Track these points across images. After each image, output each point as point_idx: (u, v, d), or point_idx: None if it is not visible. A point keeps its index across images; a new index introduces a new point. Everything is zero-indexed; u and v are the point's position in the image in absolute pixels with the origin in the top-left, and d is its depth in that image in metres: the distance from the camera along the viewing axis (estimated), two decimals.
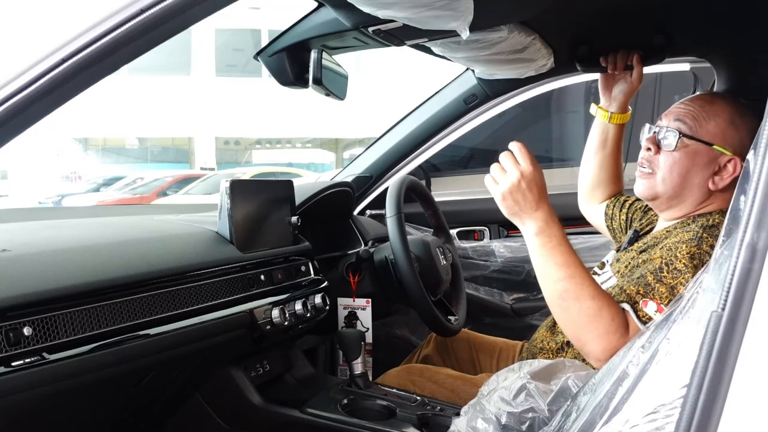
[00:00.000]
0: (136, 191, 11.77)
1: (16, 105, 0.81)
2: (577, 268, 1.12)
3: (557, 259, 1.12)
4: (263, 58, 1.45)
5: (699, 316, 0.58)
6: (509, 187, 1.14)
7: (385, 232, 1.58)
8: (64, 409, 1.11)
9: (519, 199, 1.14)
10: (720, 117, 1.24)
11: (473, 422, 0.99)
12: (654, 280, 1.13)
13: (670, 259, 1.14)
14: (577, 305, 1.09)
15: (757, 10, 1.33)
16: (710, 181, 1.24)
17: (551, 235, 1.13)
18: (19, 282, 0.96)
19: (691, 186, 1.25)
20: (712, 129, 1.23)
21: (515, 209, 1.15)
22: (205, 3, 0.83)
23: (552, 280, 1.12)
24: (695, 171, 1.24)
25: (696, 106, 1.26)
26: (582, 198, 1.67)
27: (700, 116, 1.25)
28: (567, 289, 1.10)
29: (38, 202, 11.68)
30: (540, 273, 1.15)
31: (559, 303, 1.12)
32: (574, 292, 1.10)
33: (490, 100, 2.03)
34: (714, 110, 1.25)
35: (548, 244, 1.13)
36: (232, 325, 1.28)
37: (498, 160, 1.18)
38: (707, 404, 0.51)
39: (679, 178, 1.25)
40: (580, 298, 1.09)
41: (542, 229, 1.13)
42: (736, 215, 0.56)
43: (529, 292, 2.29)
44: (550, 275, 1.13)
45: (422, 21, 1.13)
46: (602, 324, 1.08)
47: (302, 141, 19.86)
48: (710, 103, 1.26)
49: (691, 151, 1.24)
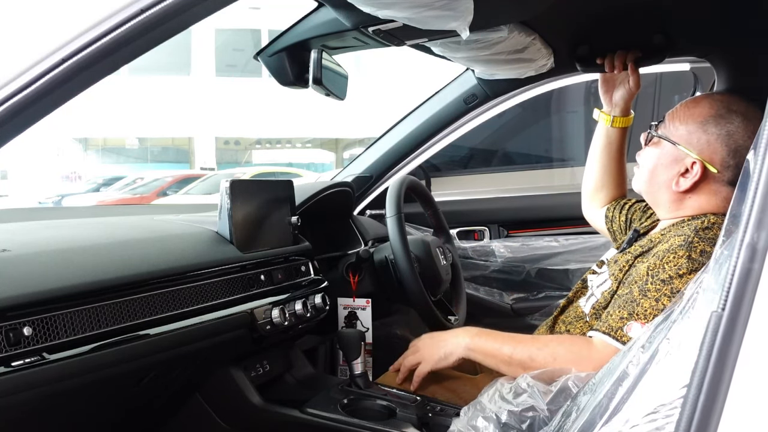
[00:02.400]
0: (136, 191, 11.77)
1: (16, 105, 0.81)
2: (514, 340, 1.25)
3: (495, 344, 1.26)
4: (263, 58, 1.45)
5: (699, 316, 0.58)
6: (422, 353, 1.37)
7: (385, 232, 1.58)
8: (64, 409, 1.11)
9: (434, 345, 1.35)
10: (694, 119, 1.25)
11: (473, 420, 0.99)
12: (640, 294, 1.15)
13: (656, 270, 1.16)
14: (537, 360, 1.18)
15: (757, 10, 1.33)
16: (674, 181, 1.26)
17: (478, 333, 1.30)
18: (19, 282, 0.96)
19: (659, 184, 1.29)
20: (682, 130, 1.26)
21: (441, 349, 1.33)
22: (205, 3, 0.83)
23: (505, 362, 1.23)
24: (661, 169, 1.28)
25: (681, 106, 1.29)
26: (585, 202, 1.68)
27: (677, 116, 1.28)
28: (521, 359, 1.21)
29: (38, 202, 11.68)
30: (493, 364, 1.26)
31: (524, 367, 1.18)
32: (527, 354, 1.20)
33: (490, 100, 2.02)
34: (692, 112, 1.26)
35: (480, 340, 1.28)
36: (232, 325, 1.28)
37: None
38: (707, 404, 0.51)
39: (648, 174, 1.31)
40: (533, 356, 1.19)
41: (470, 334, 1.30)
42: (736, 215, 0.56)
43: (529, 292, 2.29)
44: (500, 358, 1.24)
45: (422, 21, 1.13)
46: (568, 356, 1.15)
47: (302, 141, 19.86)
48: (694, 105, 1.28)
49: (659, 148, 1.28)
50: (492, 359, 1.26)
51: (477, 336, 1.29)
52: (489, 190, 2.45)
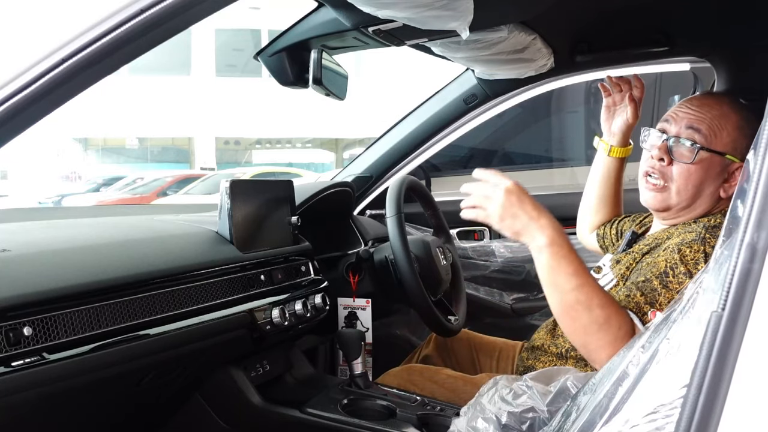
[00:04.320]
0: (136, 191, 11.78)
1: (16, 105, 0.81)
2: (587, 276, 1.08)
3: (568, 269, 1.06)
4: (263, 58, 1.45)
5: (699, 316, 0.58)
6: (500, 207, 1.09)
7: (385, 232, 1.58)
8: (64, 409, 1.11)
9: (517, 214, 1.08)
10: (730, 124, 1.21)
11: (473, 422, 0.99)
12: (660, 285, 1.11)
13: (675, 263, 1.12)
14: (587, 314, 1.05)
15: (757, 10, 1.33)
16: (721, 189, 1.22)
17: (561, 243, 1.07)
18: (19, 282, 0.96)
19: (704, 196, 1.23)
20: (725, 138, 1.20)
21: (517, 226, 1.09)
22: (205, 3, 0.83)
23: (563, 291, 1.07)
24: (709, 181, 1.22)
25: (705, 112, 1.22)
26: (580, 225, 1.67)
27: (713, 125, 1.21)
28: (578, 300, 1.06)
29: (38, 202, 11.69)
30: (549, 284, 1.09)
31: (570, 313, 1.08)
32: (586, 302, 1.05)
33: (490, 100, 2.03)
34: (724, 117, 1.22)
35: (559, 253, 1.07)
36: (232, 325, 1.28)
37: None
38: (707, 404, 0.51)
39: (694, 190, 1.22)
40: (590, 307, 1.05)
41: (553, 238, 1.07)
42: (735, 215, 0.56)
43: (529, 292, 2.29)
44: (560, 286, 1.07)
45: (422, 21, 1.13)
46: (611, 332, 1.05)
47: (302, 141, 19.86)
48: (718, 108, 1.23)
49: (707, 162, 1.21)
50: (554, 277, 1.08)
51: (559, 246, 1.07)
52: None
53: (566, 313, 1.08)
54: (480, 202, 1.13)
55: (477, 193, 1.14)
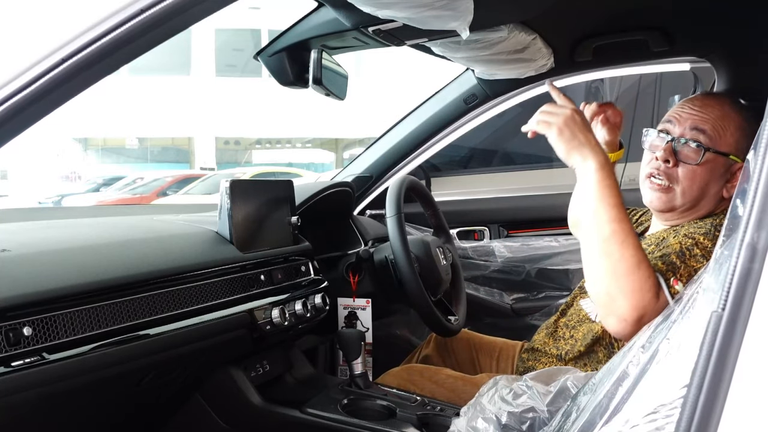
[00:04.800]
0: (136, 191, 11.77)
1: (16, 105, 0.81)
2: (626, 214, 1.06)
3: (611, 199, 1.05)
4: (263, 58, 1.45)
5: (699, 316, 0.58)
6: (564, 120, 1.09)
7: (385, 232, 1.58)
8: (64, 409, 1.11)
9: (577, 132, 1.09)
10: (733, 125, 1.21)
11: (473, 422, 0.99)
12: (679, 261, 1.09)
13: (690, 245, 1.11)
14: (621, 252, 1.02)
15: (757, 10, 1.33)
16: (724, 189, 1.22)
17: (610, 173, 1.07)
18: (19, 282, 0.96)
19: (709, 196, 1.23)
20: (729, 139, 1.20)
21: (574, 142, 1.08)
22: (205, 3, 0.83)
23: (603, 221, 1.04)
24: (714, 182, 1.22)
25: (708, 112, 1.22)
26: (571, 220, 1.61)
27: (717, 125, 1.21)
28: (616, 232, 1.03)
29: (38, 202, 11.68)
30: (591, 212, 1.07)
31: (604, 247, 1.04)
32: (622, 237, 1.02)
33: (490, 100, 2.03)
34: (726, 117, 1.21)
35: (606, 181, 1.06)
36: (232, 325, 1.28)
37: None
38: (707, 404, 0.51)
39: (699, 191, 1.22)
40: (625, 244, 1.02)
41: (604, 164, 1.06)
42: (735, 215, 0.56)
43: (529, 292, 2.29)
44: (602, 215, 1.05)
45: (422, 21, 1.13)
46: (639, 278, 1.00)
47: (302, 141, 19.86)
48: (720, 108, 1.23)
49: (712, 163, 1.21)
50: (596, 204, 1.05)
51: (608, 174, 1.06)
52: (489, 190, 2.45)
53: (599, 246, 1.05)
54: (545, 117, 1.13)
55: (545, 109, 1.14)
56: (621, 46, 1.54)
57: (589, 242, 1.08)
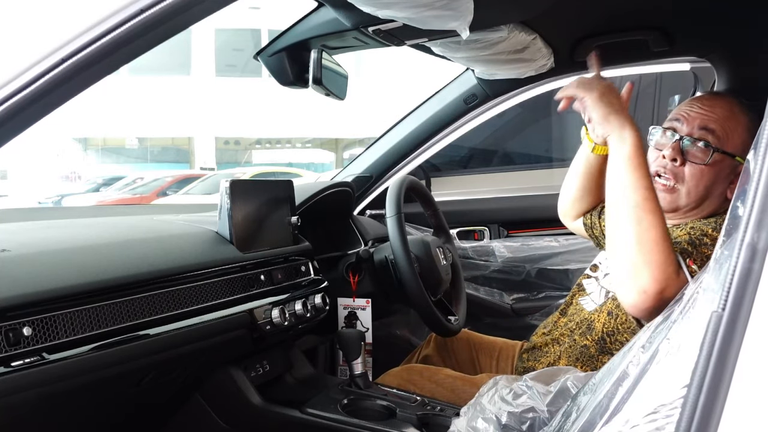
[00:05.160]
0: (136, 191, 11.78)
1: (16, 105, 0.81)
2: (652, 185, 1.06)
3: (645, 170, 1.05)
4: (263, 58, 1.45)
5: (699, 317, 0.58)
6: (605, 86, 1.11)
7: (385, 232, 1.58)
8: (64, 409, 1.11)
9: (614, 100, 1.10)
10: (741, 126, 1.21)
11: (473, 422, 0.99)
12: (691, 247, 1.09)
13: (699, 235, 1.11)
14: (650, 220, 1.01)
15: (756, 10, 1.33)
16: (728, 190, 1.22)
17: (641, 144, 1.07)
18: (19, 282, 0.96)
19: (713, 197, 1.23)
20: (737, 140, 1.20)
21: (610, 110, 1.09)
22: (205, 3, 0.83)
23: (636, 187, 1.03)
24: (719, 183, 1.22)
25: (717, 112, 1.22)
26: (561, 210, 1.62)
27: (726, 126, 1.20)
28: (648, 199, 1.02)
29: (38, 202, 11.69)
30: (624, 179, 1.05)
31: (635, 213, 1.02)
32: (653, 205, 1.02)
33: (490, 100, 2.03)
34: (734, 118, 1.21)
35: (641, 151, 1.06)
36: (232, 325, 1.28)
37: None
38: (707, 404, 0.51)
39: (704, 191, 1.22)
40: (655, 213, 1.01)
41: (637, 135, 1.06)
42: (735, 215, 0.56)
43: (529, 292, 2.29)
44: (636, 182, 1.04)
45: (422, 21, 1.13)
46: (664, 250, 0.99)
47: (302, 141, 19.87)
48: (729, 109, 1.22)
49: (719, 164, 1.20)
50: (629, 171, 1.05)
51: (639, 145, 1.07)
52: (489, 190, 2.45)
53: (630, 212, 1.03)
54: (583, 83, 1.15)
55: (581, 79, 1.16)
56: (621, 46, 1.54)
57: (619, 209, 1.06)
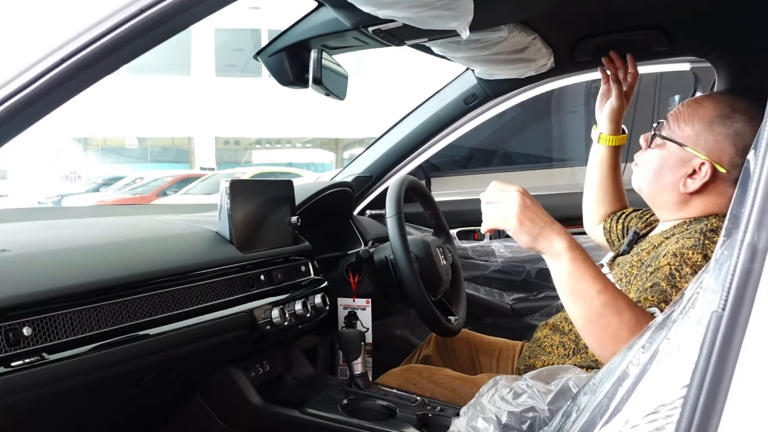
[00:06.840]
0: (136, 191, 11.77)
1: (16, 105, 0.81)
2: (607, 279, 1.02)
3: (590, 272, 1.01)
4: (263, 58, 1.45)
5: (699, 317, 0.58)
6: (518, 209, 1.01)
7: (385, 232, 1.58)
8: (64, 409, 1.11)
9: (534, 218, 1.02)
10: (700, 119, 1.23)
11: (473, 422, 0.99)
12: (669, 285, 1.09)
13: (679, 265, 1.12)
14: (617, 319, 0.98)
15: (757, 10, 1.33)
16: (681, 182, 1.24)
17: (578, 247, 1.02)
18: (19, 282, 0.96)
19: (664, 186, 1.27)
20: (688, 131, 1.24)
21: (536, 229, 1.02)
22: (205, 3, 0.83)
23: (588, 297, 1.00)
24: (666, 171, 1.26)
25: (684, 107, 1.28)
26: (586, 218, 1.66)
27: (681, 117, 1.26)
28: (606, 304, 0.98)
29: (38, 202, 11.68)
30: (572, 292, 1.01)
31: (599, 321, 0.99)
32: (613, 305, 0.98)
33: (490, 100, 2.03)
34: (697, 112, 1.24)
35: (579, 257, 1.01)
36: (232, 325, 1.28)
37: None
38: (707, 404, 0.51)
39: (652, 176, 1.28)
40: (620, 310, 0.98)
41: (570, 242, 1.01)
42: (736, 215, 0.56)
43: (529, 292, 2.30)
44: (585, 292, 1.00)
45: (422, 21, 1.13)
46: (634, 327, 0.96)
47: (302, 141, 19.87)
48: (698, 105, 1.26)
49: (663, 150, 1.26)
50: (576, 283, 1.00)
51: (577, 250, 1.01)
52: None
53: (594, 322, 1.00)
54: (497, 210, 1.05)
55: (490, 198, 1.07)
56: (621, 46, 1.54)
57: (581, 319, 1.02)
